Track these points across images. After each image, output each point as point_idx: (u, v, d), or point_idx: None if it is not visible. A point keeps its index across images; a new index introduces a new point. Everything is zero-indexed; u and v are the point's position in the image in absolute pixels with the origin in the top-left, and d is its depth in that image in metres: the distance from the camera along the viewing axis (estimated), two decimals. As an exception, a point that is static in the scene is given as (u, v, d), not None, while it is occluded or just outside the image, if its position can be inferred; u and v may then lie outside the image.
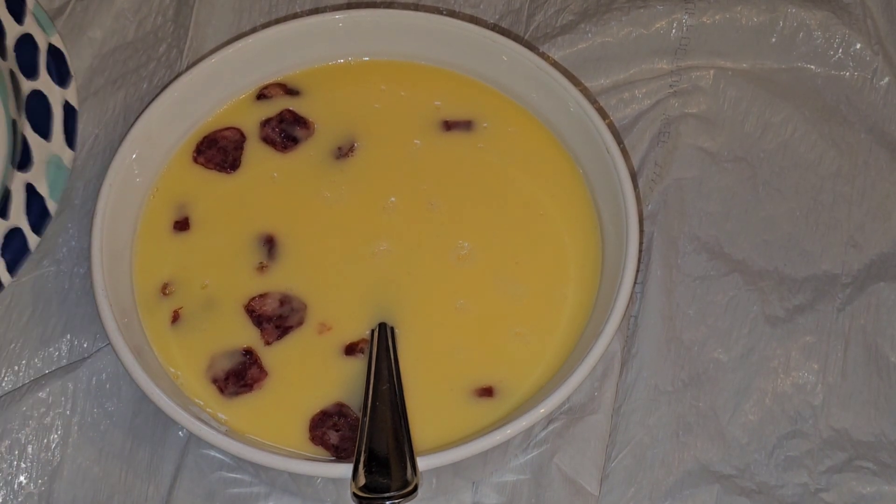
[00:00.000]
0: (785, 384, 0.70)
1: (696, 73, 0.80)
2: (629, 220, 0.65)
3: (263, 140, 0.72)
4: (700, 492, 0.67)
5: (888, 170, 0.77)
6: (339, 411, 0.63)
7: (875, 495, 0.67)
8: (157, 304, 0.67)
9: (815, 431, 0.69)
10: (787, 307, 0.72)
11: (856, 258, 0.74)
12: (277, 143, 0.71)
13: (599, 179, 0.68)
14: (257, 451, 0.59)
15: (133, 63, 0.81)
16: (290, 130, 0.72)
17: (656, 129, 0.78)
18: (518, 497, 0.67)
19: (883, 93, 0.80)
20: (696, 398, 0.70)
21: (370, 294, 0.67)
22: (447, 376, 0.64)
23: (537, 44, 0.81)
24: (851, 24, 0.80)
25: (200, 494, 0.67)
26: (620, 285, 0.63)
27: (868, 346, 0.71)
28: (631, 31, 0.81)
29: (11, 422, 0.68)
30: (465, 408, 0.64)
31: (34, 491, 0.67)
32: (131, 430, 0.68)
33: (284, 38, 0.73)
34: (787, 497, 0.67)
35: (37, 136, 0.75)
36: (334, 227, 0.69)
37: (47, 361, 0.71)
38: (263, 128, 0.72)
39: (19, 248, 0.72)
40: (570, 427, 0.68)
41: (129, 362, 0.61)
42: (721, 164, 0.77)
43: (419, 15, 0.73)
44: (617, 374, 0.70)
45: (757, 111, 0.79)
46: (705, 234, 0.75)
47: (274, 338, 0.65)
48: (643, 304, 0.72)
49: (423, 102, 0.73)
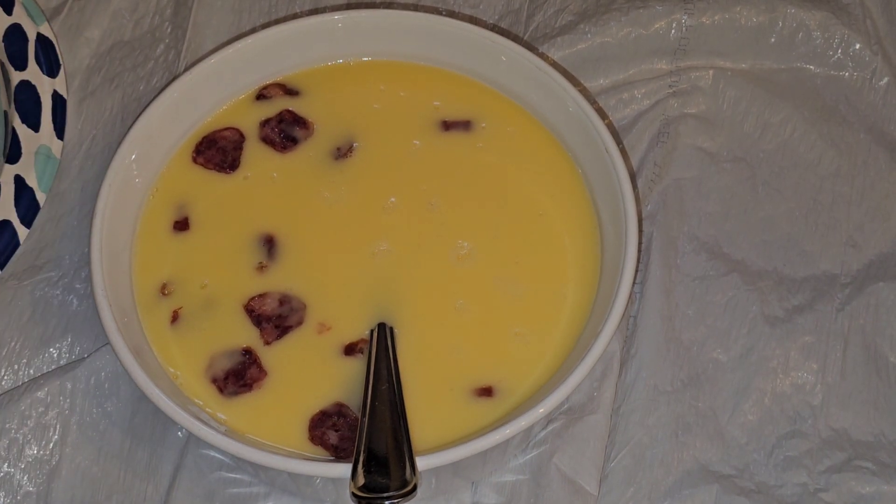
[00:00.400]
0: (784, 384, 0.70)
1: (695, 73, 0.80)
2: (628, 221, 0.65)
3: (263, 140, 0.72)
4: (699, 492, 0.67)
5: (887, 170, 0.77)
6: (339, 411, 0.63)
7: (874, 495, 0.67)
8: (157, 304, 0.67)
9: (815, 431, 0.69)
10: (787, 307, 0.72)
11: (855, 258, 0.74)
12: (277, 143, 0.71)
13: (599, 179, 0.68)
14: (257, 450, 0.59)
15: (130, 63, 0.81)
16: (290, 131, 0.72)
17: (655, 130, 0.78)
18: (517, 497, 0.67)
19: (882, 93, 0.80)
20: (695, 398, 0.70)
21: (370, 294, 0.67)
22: (447, 376, 0.64)
23: (537, 44, 0.81)
24: (851, 24, 0.80)
25: (200, 494, 0.67)
26: (619, 285, 0.63)
27: (867, 346, 0.71)
28: (630, 32, 0.81)
29: (10, 421, 0.68)
30: (464, 408, 0.64)
31: (33, 490, 0.67)
32: (130, 429, 0.68)
33: (284, 38, 0.73)
34: (787, 497, 0.67)
35: (25, 127, 0.75)
36: (334, 227, 0.69)
37: (47, 361, 0.71)
38: (263, 128, 0.72)
39: (9, 241, 0.72)
40: (569, 427, 0.68)
41: (129, 362, 0.61)
42: (720, 165, 0.77)
43: (419, 15, 0.73)
44: (616, 374, 0.70)
45: (756, 111, 0.79)
46: (704, 234, 0.75)
47: (273, 337, 0.65)
48: (642, 305, 0.72)
49: (423, 103, 0.73)
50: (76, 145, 0.78)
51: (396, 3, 0.84)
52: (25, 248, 0.74)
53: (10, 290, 0.72)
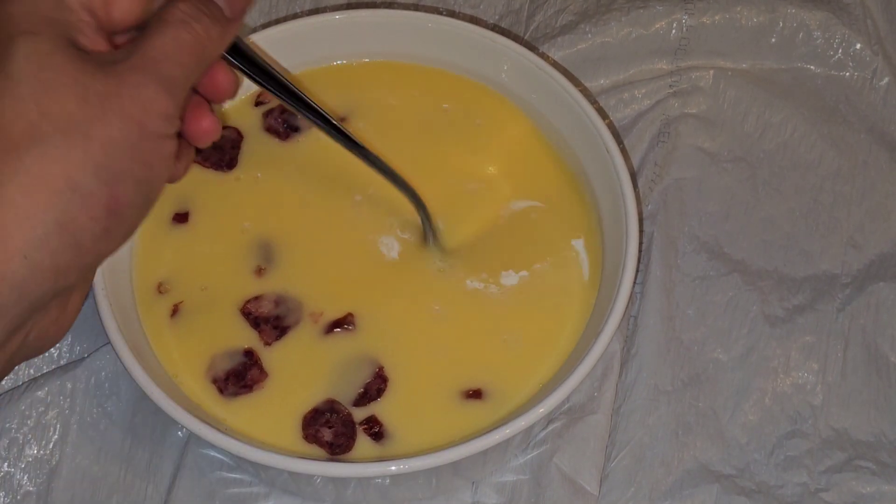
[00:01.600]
0: (784, 384, 0.70)
1: (695, 73, 0.80)
2: (629, 220, 0.65)
3: (266, 130, 0.72)
4: (699, 491, 0.67)
5: (888, 170, 0.77)
6: (331, 408, 0.63)
7: (875, 495, 0.66)
8: (157, 304, 0.67)
9: (815, 431, 0.69)
10: (787, 307, 0.72)
11: (855, 258, 0.74)
12: (280, 132, 0.72)
13: (599, 179, 0.68)
14: (257, 450, 0.59)
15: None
16: (292, 120, 0.72)
17: (656, 130, 0.79)
18: (518, 497, 0.67)
19: (883, 93, 0.80)
20: (695, 398, 0.70)
21: (365, 291, 0.67)
22: (447, 375, 0.64)
23: (537, 44, 0.81)
24: (851, 24, 0.80)
25: (200, 494, 0.67)
26: (620, 285, 0.63)
27: (868, 346, 0.71)
28: (630, 32, 0.81)
29: (10, 421, 0.68)
30: (464, 408, 0.64)
31: (33, 490, 0.67)
32: (130, 429, 0.68)
33: (284, 38, 0.73)
34: (787, 497, 0.67)
35: None
36: (330, 226, 0.69)
37: (47, 360, 0.71)
38: (266, 118, 0.72)
39: None
40: (569, 427, 0.68)
41: (129, 361, 0.61)
42: (721, 165, 0.77)
43: (419, 15, 0.73)
44: (616, 374, 0.70)
45: (756, 111, 0.79)
46: (705, 234, 0.75)
47: (273, 338, 0.65)
48: (643, 304, 0.72)
49: (422, 103, 0.73)
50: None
51: (397, 3, 0.84)
52: (26, 248, 0.74)
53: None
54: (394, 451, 0.62)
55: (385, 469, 0.59)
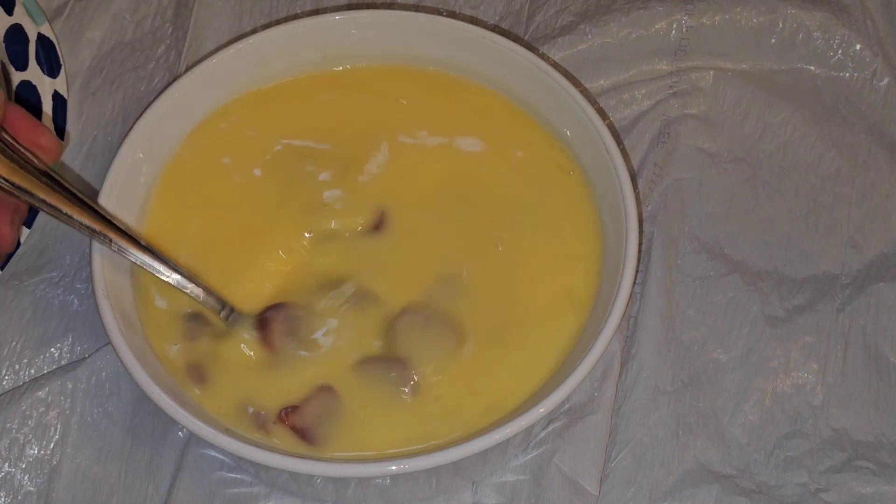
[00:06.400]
0: (785, 384, 0.70)
1: (695, 74, 0.80)
2: (629, 221, 0.65)
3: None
4: (700, 492, 0.67)
5: (888, 170, 0.77)
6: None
7: (875, 495, 0.67)
8: (158, 304, 0.67)
9: (815, 431, 0.69)
10: (787, 307, 0.73)
11: (855, 258, 0.74)
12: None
13: (599, 180, 0.68)
14: (257, 449, 0.59)
15: (131, 64, 0.81)
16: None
17: (656, 130, 0.79)
18: (518, 497, 0.67)
19: (882, 93, 0.80)
20: (695, 398, 0.70)
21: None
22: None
23: (537, 45, 0.81)
24: (851, 24, 0.80)
25: (200, 494, 0.67)
26: (620, 285, 0.63)
27: (868, 346, 0.71)
28: (630, 32, 0.81)
29: (11, 421, 0.68)
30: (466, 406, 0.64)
31: (33, 490, 0.67)
32: (131, 429, 0.68)
33: (284, 38, 0.73)
34: (787, 497, 0.67)
35: None
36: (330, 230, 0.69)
37: (48, 361, 0.71)
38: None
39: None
40: (569, 427, 0.68)
41: (130, 361, 0.61)
42: (721, 165, 0.77)
43: (419, 16, 0.73)
44: (617, 375, 0.70)
45: (756, 112, 0.79)
46: (705, 234, 0.75)
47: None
48: (643, 305, 0.72)
49: (423, 103, 0.73)
50: (77, 146, 0.78)
51: (397, 4, 0.84)
52: (26, 249, 0.74)
53: (11, 291, 0.72)
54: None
55: (385, 469, 0.59)
